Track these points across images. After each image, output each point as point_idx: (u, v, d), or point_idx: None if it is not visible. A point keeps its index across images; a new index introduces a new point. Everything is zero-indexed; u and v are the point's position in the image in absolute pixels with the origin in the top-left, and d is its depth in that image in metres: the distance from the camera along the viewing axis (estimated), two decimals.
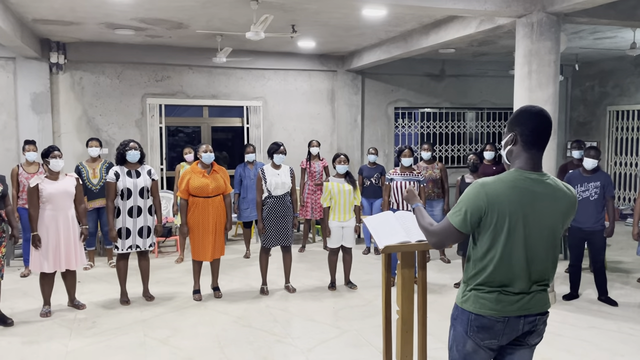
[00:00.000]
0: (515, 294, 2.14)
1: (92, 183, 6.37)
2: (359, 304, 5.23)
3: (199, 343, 4.27)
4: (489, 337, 2.17)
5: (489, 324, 2.14)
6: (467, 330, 2.19)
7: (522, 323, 2.16)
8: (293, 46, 8.36)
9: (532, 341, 2.24)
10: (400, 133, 10.24)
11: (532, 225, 2.11)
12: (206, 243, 5.27)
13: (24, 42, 6.63)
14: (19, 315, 4.83)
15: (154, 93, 8.66)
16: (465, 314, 2.20)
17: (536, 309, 2.17)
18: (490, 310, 2.14)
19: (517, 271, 2.12)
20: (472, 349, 2.20)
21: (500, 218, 2.09)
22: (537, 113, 2.15)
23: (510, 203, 2.08)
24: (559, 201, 2.15)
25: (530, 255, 2.12)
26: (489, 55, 9.42)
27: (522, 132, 2.14)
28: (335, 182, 5.59)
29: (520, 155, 2.16)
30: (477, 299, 2.17)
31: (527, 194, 2.10)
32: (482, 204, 2.10)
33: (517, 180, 2.12)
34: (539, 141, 2.15)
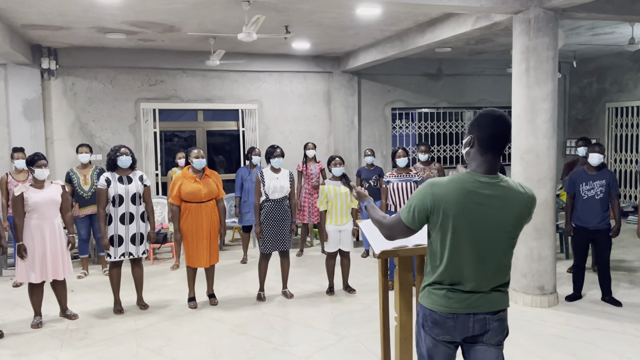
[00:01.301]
0: (464, 292, 2.17)
1: (83, 190, 6.26)
2: (357, 309, 5.12)
3: (194, 353, 4.16)
4: (442, 333, 2.21)
5: (440, 319, 2.19)
6: (424, 325, 2.25)
7: (471, 321, 2.18)
8: (287, 47, 8.27)
9: (492, 340, 2.22)
10: (398, 134, 10.15)
11: (479, 227, 2.13)
12: (200, 249, 5.16)
13: (13, 48, 6.52)
14: (10, 327, 4.71)
15: (147, 98, 8.56)
16: (422, 309, 2.27)
17: (485, 308, 2.18)
18: (440, 306, 2.19)
19: (465, 271, 2.15)
20: (432, 344, 2.25)
21: (445, 218, 2.13)
22: (497, 118, 2.16)
23: (456, 204, 2.11)
24: (510, 203, 2.15)
25: (478, 256, 2.14)
26: (486, 54, 9.33)
27: (479, 136, 2.16)
28: (331, 185, 5.49)
29: (475, 158, 2.18)
30: (430, 295, 2.23)
31: (474, 197, 2.12)
32: (428, 203, 2.15)
33: (466, 182, 2.14)
34: (495, 146, 2.15)
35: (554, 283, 5.20)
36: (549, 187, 5.08)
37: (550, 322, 4.73)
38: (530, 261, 5.13)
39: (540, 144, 5.03)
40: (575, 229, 5.32)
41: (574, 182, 5.30)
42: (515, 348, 4.15)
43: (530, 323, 4.70)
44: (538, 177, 5.04)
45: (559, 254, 6.86)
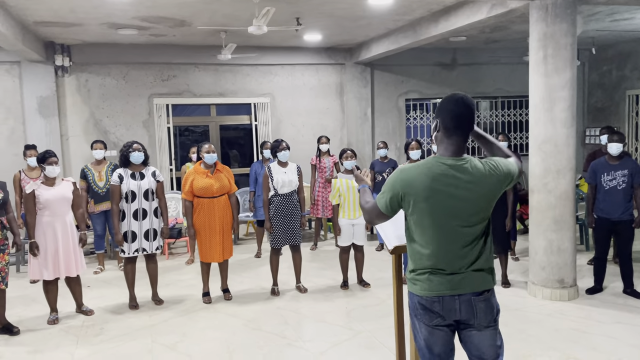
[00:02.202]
0: (445, 274, 2.19)
1: (98, 186, 6.28)
2: (372, 304, 5.07)
3: (208, 348, 4.14)
4: (433, 317, 2.22)
5: (427, 304, 2.21)
6: (415, 315, 2.28)
7: (457, 302, 2.19)
8: (299, 40, 8.19)
9: (483, 322, 2.23)
10: (412, 125, 10.02)
11: (450, 210, 2.16)
12: (214, 244, 5.14)
13: (26, 46, 6.55)
14: (26, 323, 4.75)
15: (160, 93, 8.56)
16: (410, 298, 2.30)
17: (469, 289, 2.20)
18: (425, 291, 2.21)
19: (442, 253, 2.18)
20: (428, 332, 2.25)
21: (415, 203, 2.18)
22: (457, 100, 2.21)
23: (424, 188, 2.15)
24: (478, 184, 2.17)
25: (451, 238, 2.18)
26: (501, 42, 9.15)
27: (444, 119, 2.21)
28: (343, 179, 5.42)
29: (442, 141, 2.23)
30: (414, 282, 2.27)
31: (441, 179, 2.15)
32: (399, 189, 2.21)
33: (433, 166, 2.18)
34: (458, 128, 2.20)
35: (574, 276, 5.09)
36: (568, 178, 4.95)
37: (571, 315, 4.62)
38: (550, 254, 5.01)
39: (559, 134, 4.90)
40: (596, 220, 5.19)
41: (595, 172, 5.16)
42: (534, 343, 4.07)
43: (550, 317, 4.60)
44: (557, 168, 4.92)
45: (579, 246, 6.72)
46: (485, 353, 2.26)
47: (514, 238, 6.40)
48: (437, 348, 2.26)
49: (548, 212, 5.00)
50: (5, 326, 4.54)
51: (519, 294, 5.22)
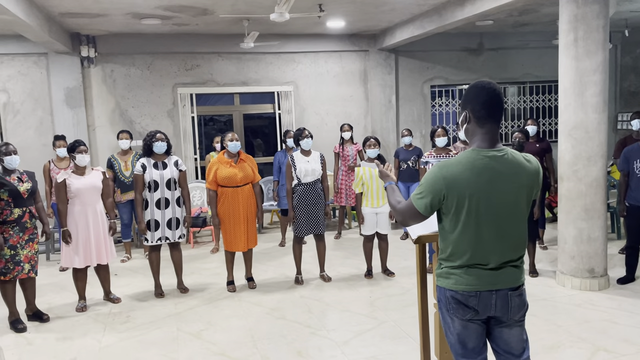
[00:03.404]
0: (483, 269, 2.14)
1: (124, 175, 6.36)
2: (396, 293, 5.02)
3: (232, 337, 4.17)
4: (467, 312, 2.17)
5: (462, 299, 2.15)
6: (448, 309, 2.21)
7: (494, 297, 2.14)
8: (322, 27, 8.10)
9: (515, 316, 2.20)
10: (437, 112, 9.85)
11: (494, 204, 2.10)
12: (238, 233, 5.16)
13: (52, 37, 6.63)
14: (55, 310, 4.86)
15: (184, 82, 8.60)
16: (442, 291, 2.23)
17: (506, 284, 2.16)
18: (461, 285, 2.15)
19: (484, 249, 2.12)
20: (461, 326, 2.20)
21: (460, 200, 2.09)
22: (485, 86, 2.13)
23: (469, 184, 2.08)
24: (519, 176, 2.12)
25: (496, 232, 2.11)
26: (530, 25, 8.89)
27: (473, 109, 2.14)
28: (366, 167, 5.36)
29: (476, 132, 2.15)
30: (449, 275, 2.19)
31: (485, 173, 2.09)
32: (441, 187, 2.10)
33: (475, 160, 2.10)
34: (491, 115, 2.12)
35: (604, 265, 4.94)
36: (599, 165, 4.80)
37: (601, 306, 4.50)
38: (580, 243, 4.88)
39: (590, 119, 4.74)
40: (629, 208, 5.02)
41: (627, 159, 4.99)
42: (563, 334, 3.97)
43: (580, 307, 4.49)
44: (588, 155, 4.77)
45: (610, 235, 6.54)
46: (514, 348, 2.22)
47: (542, 226, 6.26)
48: (471, 342, 2.21)
49: (578, 200, 4.85)
50: (35, 313, 4.65)
51: (548, 283, 5.11)
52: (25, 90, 7.99)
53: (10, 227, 4.36)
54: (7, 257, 4.34)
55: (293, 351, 3.87)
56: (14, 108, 7.97)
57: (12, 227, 4.36)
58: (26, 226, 4.45)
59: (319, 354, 3.82)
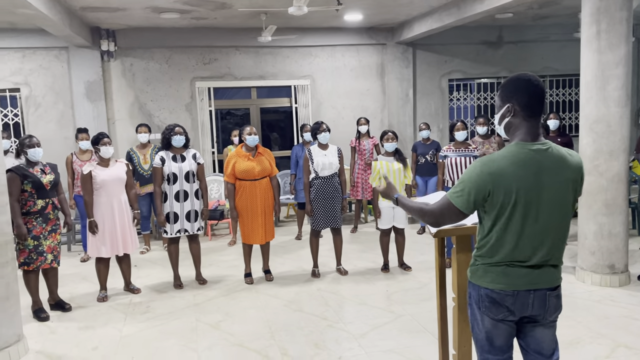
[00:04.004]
0: (523, 267, 2.08)
1: (143, 168, 6.44)
2: (413, 287, 5.02)
3: (250, 328, 4.21)
4: (501, 312, 2.12)
5: (498, 297, 2.10)
6: (479, 306, 2.17)
7: (531, 297, 2.09)
8: (340, 20, 8.08)
9: (550, 317, 2.16)
10: (455, 106, 9.77)
11: (541, 198, 2.03)
12: (256, 226, 5.19)
13: (73, 31, 6.72)
14: (77, 300, 4.95)
15: (202, 76, 8.65)
16: (475, 288, 2.17)
17: (546, 284, 2.11)
18: (499, 284, 2.10)
19: (526, 246, 2.06)
20: (491, 325, 2.16)
21: (506, 196, 2.02)
22: (531, 79, 2.09)
23: (516, 178, 2.01)
24: (564, 169, 2.07)
25: (540, 229, 2.05)
26: (551, 18, 8.76)
27: (520, 102, 2.07)
28: (384, 161, 5.35)
29: (520, 126, 2.08)
30: (485, 273, 2.14)
31: (532, 167, 2.03)
32: (486, 184, 2.03)
33: (521, 154, 2.04)
34: (537, 110, 2.08)
35: (625, 261, 4.88)
36: (621, 160, 4.73)
37: (621, 302, 4.45)
38: (600, 238, 4.82)
39: (612, 113, 4.67)
40: None
41: None
42: (583, 330, 3.94)
43: (599, 303, 4.44)
44: (609, 149, 4.70)
45: (631, 231, 6.44)
46: (545, 348, 2.19)
47: None
48: (498, 341, 2.17)
49: (599, 195, 4.79)
50: (57, 302, 4.75)
51: (567, 279, 5.05)
52: (47, 83, 8.11)
53: (34, 218, 4.45)
54: (31, 247, 4.43)
55: (310, 343, 3.90)
56: (35, 101, 8.10)
57: (36, 218, 4.45)
58: (49, 217, 4.53)
59: (337, 346, 3.85)
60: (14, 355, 3.76)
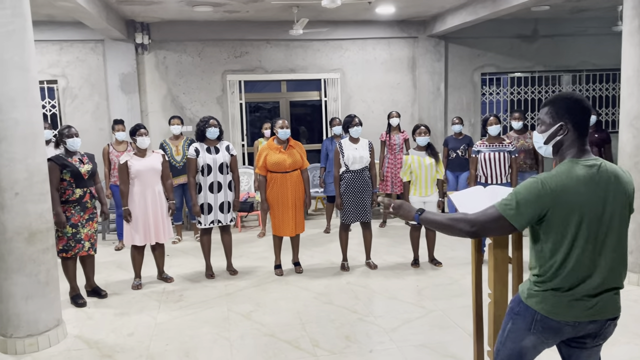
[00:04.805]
0: (590, 298, 2.01)
1: (175, 160, 6.54)
2: (444, 283, 4.99)
3: (281, 319, 4.25)
4: (553, 337, 2.07)
5: (557, 326, 2.03)
6: (530, 328, 2.08)
7: (591, 327, 2.05)
8: (371, 13, 8.03)
9: (600, 341, 2.14)
10: (487, 101, 9.62)
11: (604, 216, 1.97)
12: (286, 218, 5.23)
13: (110, 24, 6.85)
14: (112, 287, 5.08)
15: (233, 69, 8.72)
16: (531, 312, 2.07)
17: (609, 314, 2.06)
18: (561, 316, 2.02)
19: (589, 270, 1.98)
20: (532, 345, 2.10)
21: (568, 215, 1.95)
22: (579, 99, 2.06)
23: (577, 196, 1.94)
24: (620, 184, 2.01)
25: (601, 250, 1.99)
26: (589, 11, 8.52)
27: (575, 122, 2.03)
28: (415, 156, 5.31)
29: (572, 145, 2.04)
30: (546, 300, 2.04)
31: (590, 183, 1.97)
32: (546, 201, 1.95)
33: (578, 171, 1.98)
34: (588, 127, 2.07)
35: None
36: None
37: None
38: (638, 237, 4.70)
39: None
40: None
41: None
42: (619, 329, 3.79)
43: (636, 303, 4.34)
44: None
45: None
46: None
47: None
48: (529, 357, 2.14)
49: (637, 192, 4.65)
50: (94, 289, 4.88)
51: None
52: (83, 75, 8.29)
53: (72, 206, 4.56)
54: (69, 235, 4.55)
55: (341, 336, 3.91)
56: (72, 93, 8.30)
57: (74, 206, 4.57)
58: (87, 206, 4.65)
59: (367, 339, 3.86)
60: (54, 340, 3.88)
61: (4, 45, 3.54)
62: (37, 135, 3.78)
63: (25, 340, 3.76)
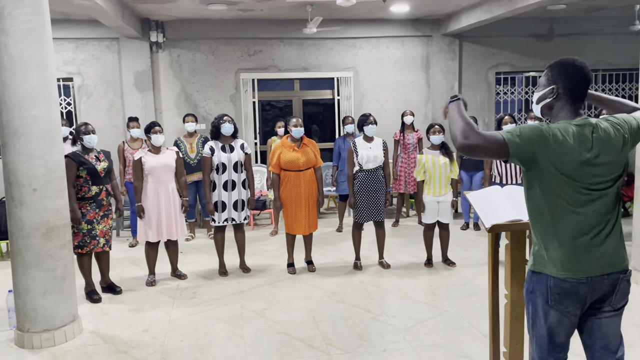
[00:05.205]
0: (593, 247, 2.00)
1: (189, 157, 6.57)
2: (457, 283, 4.96)
3: (294, 317, 4.25)
4: (572, 303, 2.04)
5: (570, 287, 2.01)
6: (547, 299, 2.05)
7: (605, 283, 2.03)
8: (385, 12, 8.00)
9: (618, 303, 2.09)
10: (501, 100, 9.55)
11: (593, 167, 2.00)
12: (299, 216, 5.23)
13: (125, 22, 6.90)
14: (127, 283, 5.11)
15: (247, 68, 8.74)
16: (543, 281, 2.05)
17: (619, 266, 2.04)
18: (570, 272, 2.00)
19: (587, 219, 2.00)
20: (557, 320, 2.07)
21: (558, 161, 1.97)
22: (579, 64, 2.07)
23: (569, 145, 1.98)
24: (612, 140, 2.03)
25: (596, 199, 2.01)
26: (606, 10, 8.43)
27: (565, 86, 2.07)
28: (429, 155, 5.29)
29: (563, 108, 2.09)
30: (553, 261, 2.03)
31: (582, 137, 2.00)
32: (543, 139, 1.97)
33: (572, 127, 2.01)
34: (583, 93, 2.09)
35: None
36: None
37: None
38: None
39: None
40: None
41: None
42: (637, 331, 3.80)
43: None
44: None
45: None
46: (611, 343, 2.11)
47: None
48: (560, 337, 2.10)
49: None
50: (109, 285, 4.92)
51: None
52: (98, 73, 8.36)
53: (88, 203, 4.60)
54: (85, 231, 4.59)
55: (354, 334, 3.91)
56: (87, 90, 8.37)
57: (90, 203, 4.61)
58: (102, 203, 4.68)
59: (381, 339, 3.85)
60: (70, 335, 3.92)
61: (24, 43, 3.57)
62: (56, 132, 3.82)
63: (42, 335, 3.80)
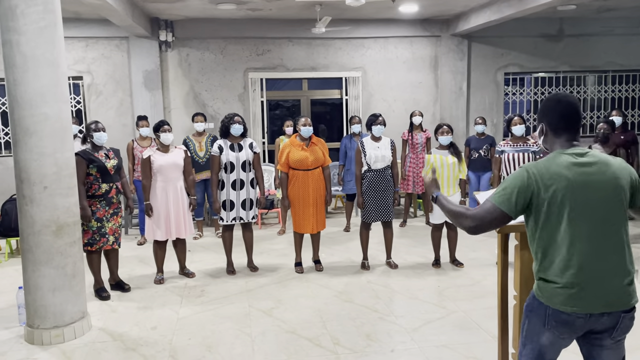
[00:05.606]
0: (599, 287, 1.99)
1: (198, 156, 6.60)
2: (465, 284, 4.95)
3: (302, 316, 4.26)
4: (568, 333, 2.05)
5: (569, 319, 2.01)
6: (544, 323, 2.07)
7: (605, 319, 2.01)
8: (394, 12, 7.99)
9: (618, 336, 2.07)
10: (510, 101, 9.51)
11: (591, 200, 1.99)
12: (307, 215, 5.24)
13: (135, 21, 6.93)
14: (135, 281, 5.14)
15: (255, 67, 8.75)
16: (542, 306, 2.07)
17: (621, 305, 2.01)
18: (571, 307, 1.99)
19: (589, 256, 1.98)
20: (550, 342, 2.09)
21: (554, 197, 1.99)
22: (561, 100, 2.14)
23: (560, 178, 1.99)
24: (609, 169, 2.03)
25: (597, 236, 1.99)
26: (616, 11, 8.37)
27: (549, 122, 2.13)
28: (437, 155, 5.28)
29: (554, 141, 2.13)
30: (555, 293, 2.02)
31: (574, 168, 2.01)
32: (531, 183, 2.01)
33: (562, 157, 2.05)
34: (568, 127, 2.11)
35: None
36: None
37: None
38: None
39: None
40: None
41: None
42: None
43: None
44: None
45: None
46: None
47: None
48: (550, 355, 2.11)
49: None
50: (118, 283, 4.95)
51: None
52: (108, 72, 8.40)
53: (98, 201, 4.63)
54: (94, 229, 4.62)
55: (362, 334, 3.91)
56: (97, 89, 8.42)
57: (100, 201, 4.64)
58: (112, 201, 4.71)
59: (388, 338, 3.85)
60: (79, 331, 3.95)
61: (36, 42, 3.61)
62: (66, 130, 3.85)
63: (52, 331, 3.83)
